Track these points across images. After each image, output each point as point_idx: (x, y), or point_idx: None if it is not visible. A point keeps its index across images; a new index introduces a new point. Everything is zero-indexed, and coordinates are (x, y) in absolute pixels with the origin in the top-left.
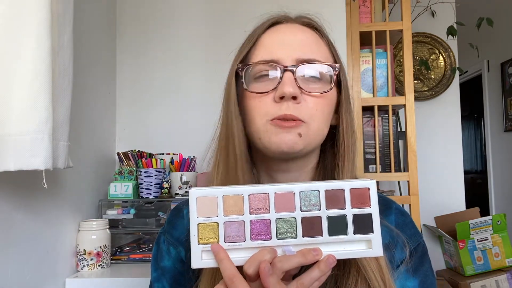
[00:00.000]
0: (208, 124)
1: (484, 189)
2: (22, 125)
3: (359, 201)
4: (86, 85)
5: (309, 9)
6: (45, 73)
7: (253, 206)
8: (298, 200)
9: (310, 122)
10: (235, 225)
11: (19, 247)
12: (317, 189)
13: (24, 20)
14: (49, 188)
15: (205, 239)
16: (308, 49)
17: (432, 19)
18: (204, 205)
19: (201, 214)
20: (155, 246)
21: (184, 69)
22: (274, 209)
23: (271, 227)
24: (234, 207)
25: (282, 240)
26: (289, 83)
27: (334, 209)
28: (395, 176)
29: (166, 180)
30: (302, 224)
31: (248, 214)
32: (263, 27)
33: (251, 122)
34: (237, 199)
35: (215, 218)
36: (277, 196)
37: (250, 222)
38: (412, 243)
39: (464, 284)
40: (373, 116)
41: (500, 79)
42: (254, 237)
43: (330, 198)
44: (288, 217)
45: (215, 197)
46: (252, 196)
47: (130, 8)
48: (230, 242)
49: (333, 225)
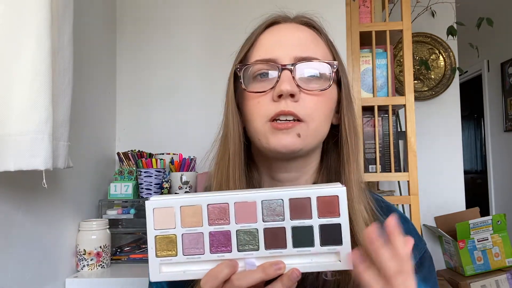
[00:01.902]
0: (208, 124)
1: (484, 189)
2: (22, 125)
3: (327, 210)
4: (86, 85)
5: (309, 9)
6: (45, 73)
7: (213, 217)
8: (260, 209)
9: (309, 121)
10: (194, 237)
11: (19, 247)
12: (281, 198)
13: (24, 20)
14: (49, 188)
15: (163, 251)
16: (306, 47)
17: (432, 19)
18: (161, 217)
19: (158, 226)
20: None
21: (184, 69)
22: (234, 220)
23: (232, 238)
24: (192, 218)
25: (243, 252)
26: (287, 81)
27: (299, 219)
28: (395, 176)
29: (166, 180)
30: (264, 235)
31: (207, 225)
32: (262, 27)
33: (250, 123)
34: (195, 209)
35: (173, 230)
36: (238, 206)
37: (209, 234)
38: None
39: (464, 284)
40: (373, 116)
41: (500, 79)
42: (214, 249)
43: (295, 207)
44: (250, 228)
45: (172, 208)
46: (211, 206)
47: (130, 8)
48: (189, 255)
49: (298, 236)
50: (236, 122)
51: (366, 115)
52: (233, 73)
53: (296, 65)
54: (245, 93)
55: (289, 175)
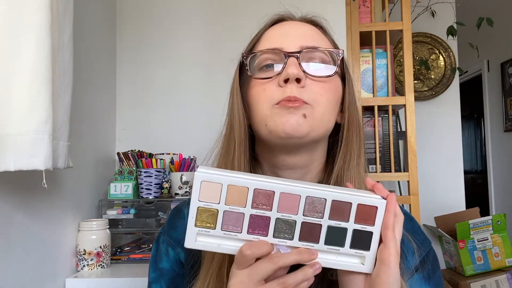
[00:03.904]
0: (208, 124)
1: (484, 189)
2: (22, 125)
3: (363, 218)
4: (86, 85)
5: (309, 9)
6: (45, 73)
7: (257, 201)
8: (303, 204)
9: (315, 105)
10: (234, 216)
11: (19, 247)
12: (325, 197)
13: (24, 20)
14: (49, 188)
15: (203, 223)
16: (311, 38)
17: (432, 19)
18: (207, 190)
19: (203, 198)
20: (155, 245)
21: (184, 69)
22: (277, 208)
23: (270, 224)
24: (237, 197)
25: (278, 239)
26: (293, 65)
27: (337, 220)
28: (395, 176)
29: (166, 180)
30: (301, 228)
31: (249, 208)
32: (268, 24)
33: (256, 110)
34: (241, 190)
35: (216, 205)
36: (283, 196)
37: (250, 216)
38: (423, 249)
39: (464, 284)
40: (373, 116)
41: (500, 79)
42: (251, 230)
43: (335, 209)
44: (289, 219)
45: (220, 184)
46: (257, 191)
47: (130, 8)
48: (227, 231)
49: (331, 235)
50: (241, 114)
51: (366, 115)
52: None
53: (302, 52)
54: (251, 81)
55: (294, 173)
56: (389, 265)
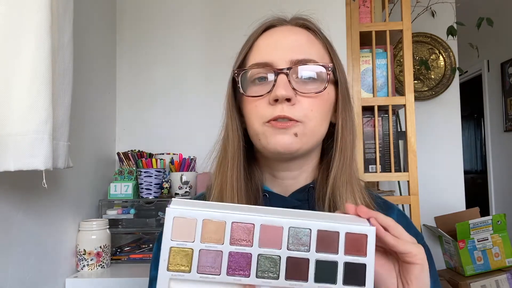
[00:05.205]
0: (208, 124)
1: (484, 189)
2: (22, 125)
3: (354, 248)
4: (86, 85)
5: (309, 9)
6: (45, 73)
7: (235, 236)
8: (286, 236)
9: (306, 121)
10: (212, 255)
11: (19, 247)
12: (309, 228)
13: (24, 20)
14: (49, 188)
15: (176, 265)
16: (301, 49)
17: (432, 19)
18: (180, 227)
19: (176, 237)
20: (156, 244)
21: (184, 69)
22: (258, 243)
23: (252, 262)
24: (214, 234)
25: (262, 279)
26: (282, 85)
27: (325, 253)
28: (395, 176)
29: (166, 180)
30: (286, 264)
31: (228, 244)
32: (258, 31)
33: (250, 125)
34: (218, 225)
35: (191, 244)
36: (263, 229)
37: (229, 253)
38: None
39: (464, 284)
40: (373, 116)
41: (500, 79)
42: (231, 271)
43: (322, 240)
44: (272, 254)
45: (194, 219)
46: (236, 224)
47: (130, 8)
48: (203, 273)
49: (321, 270)
50: (235, 126)
51: (366, 115)
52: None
53: (291, 68)
54: (244, 97)
55: (290, 173)
56: (420, 264)
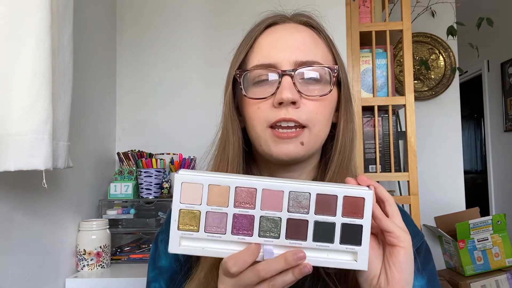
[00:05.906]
0: (208, 124)
1: (484, 189)
2: (22, 125)
3: (351, 210)
4: (86, 85)
5: (310, 9)
6: (45, 73)
7: (239, 200)
8: (287, 200)
9: (311, 126)
10: (217, 216)
11: (19, 247)
12: (309, 192)
13: (24, 20)
14: (49, 188)
15: (185, 225)
16: (306, 50)
17: (432, 19)
18: (188, 191)
19: (184, 200)
20: (153, 245)
21: (184, 69)
22: (260, 205)
23: (254, 223)
24: (219, 197)
25: (264, 238)
26: (287, 88)
27: (323, 215)
28: (395, 176)
29: (166, 180)
30: (287, 225)
31: (232, 207)
32: (260, 29)
33: (251, 127)
34: (223, 190)
35: (198, 206)
36: (265, 193)
37: (233, 215)
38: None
39: (464, 284)
40: (373, 116)
41: (500, 79)
42: (236, 231)
43: (321, 203)
44: (274, 216)
45: (200, 184)
46: (239, 189)
47: (130, 8)
48: (210, 233)
49: (319, 231)
50: (235, 128)
51: (366, 115)
52: (231, 78)
53: (296, 70)
54: (245, 99)
55: (289, 175)
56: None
